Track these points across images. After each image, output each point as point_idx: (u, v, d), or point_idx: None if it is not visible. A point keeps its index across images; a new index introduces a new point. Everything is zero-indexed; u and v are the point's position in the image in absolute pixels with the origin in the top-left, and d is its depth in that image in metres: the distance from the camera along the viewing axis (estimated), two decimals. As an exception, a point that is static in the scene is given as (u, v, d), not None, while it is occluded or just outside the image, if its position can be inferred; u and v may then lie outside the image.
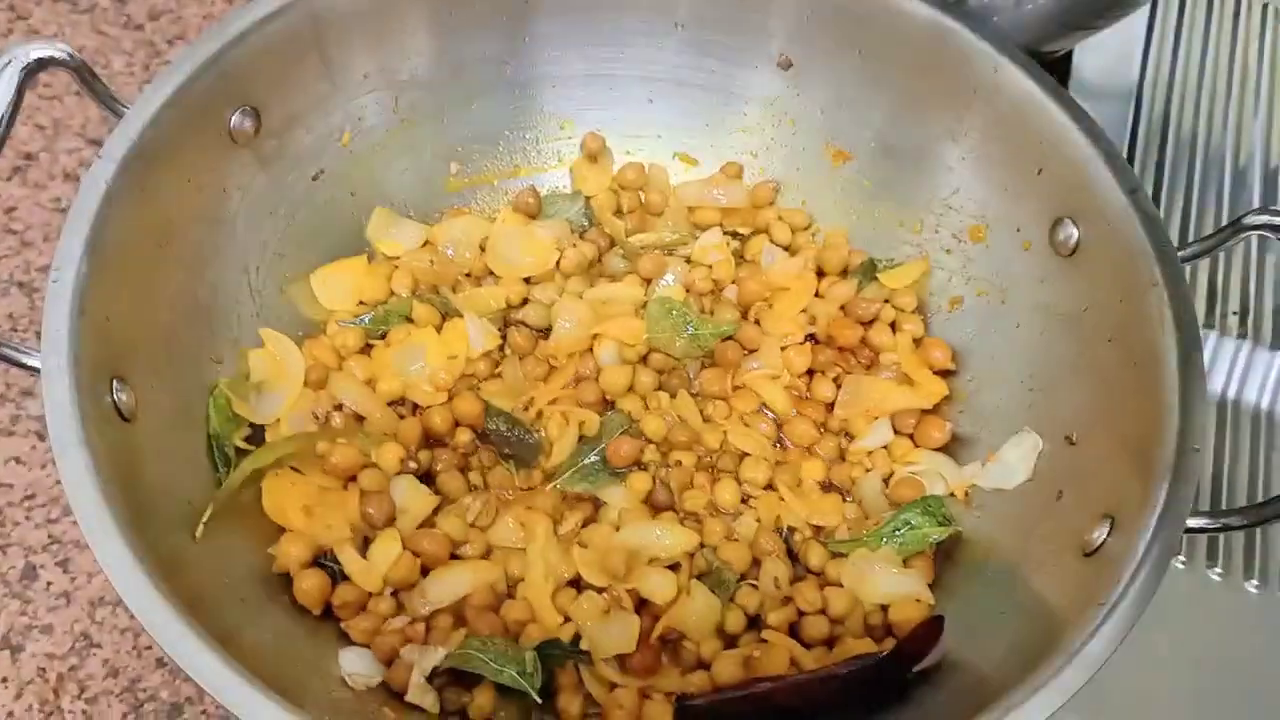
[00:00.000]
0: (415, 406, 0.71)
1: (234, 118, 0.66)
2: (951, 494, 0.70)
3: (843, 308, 0.76)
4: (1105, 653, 0.49)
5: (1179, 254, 0.62)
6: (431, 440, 0.70)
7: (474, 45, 0.76)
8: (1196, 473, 0.55)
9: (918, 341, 0.75)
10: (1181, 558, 0.71)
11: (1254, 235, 0.62)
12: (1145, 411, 0.58)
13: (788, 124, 0.80)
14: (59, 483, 0.81)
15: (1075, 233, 0.66)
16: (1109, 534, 0.56)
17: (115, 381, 0.56)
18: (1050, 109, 0.67)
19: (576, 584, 0.65)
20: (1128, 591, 0.51)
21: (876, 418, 0.73)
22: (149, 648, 0.74)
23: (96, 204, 0.57)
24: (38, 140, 0.97)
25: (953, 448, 0.72)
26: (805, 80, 0.78)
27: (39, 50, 0.58)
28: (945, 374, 0.74)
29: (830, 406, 0.74)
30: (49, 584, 0.77)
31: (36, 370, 0.54)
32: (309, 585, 0.61)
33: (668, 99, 0.81)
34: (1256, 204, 0.90)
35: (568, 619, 0.63)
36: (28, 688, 0.74)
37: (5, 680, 0.74)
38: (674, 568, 0.66)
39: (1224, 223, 0.88)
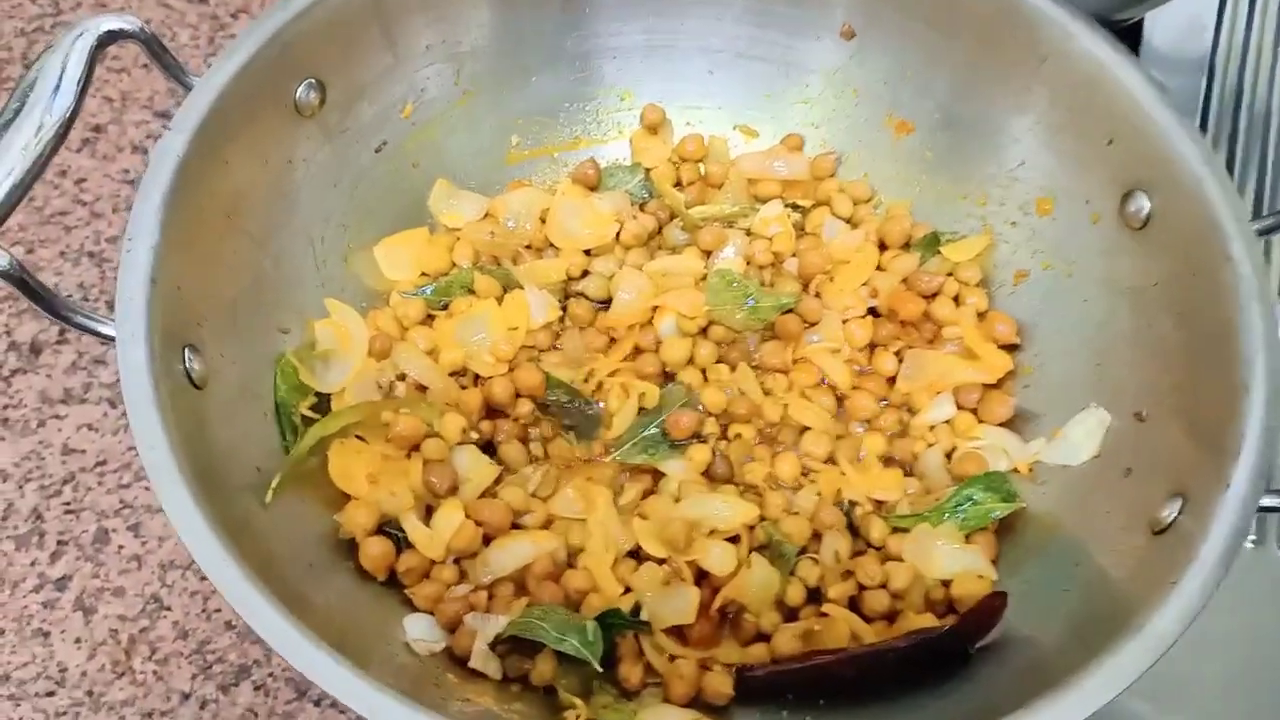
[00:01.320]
0: (477, 377, 0.71)
1: (299, 90, 0.67)
2: (1015, 470, 0.69)
3: (905, 281, 0.75)
4: (1174, 632, 0.49)
5: (1254, 227, 0.60)
6: (493, 411, 0.71)
7: (534, 17, 0.76)
8: (1271, 452, 0.54)
9: (981, 315, 0.74)
10: (1253, 536, 0.69)
11: (1333, 208, 0.60)
12: (1217, 389, 0.57)
13: (850, 95, 0.79)
14: (131, 449, 0.83)
15: (1147, 205, 0.65)
16: (1180, 512, 0.55)
17: (187, 350, 0.58)
18: (1122, 78, 0.65)
19: (636, 555, 0.66)
20: (1199, 570, 0.50)
21: (939, 392, 0.72)
22: (218, 610, 0.76)
23: (169, 175, 0.58)
24: (106, 112, 0.98)
25: (1017, 423, 0.71)
26: (868, 50, 0.77)
27: (110, 23, 0.59)
28: (1010, 348, 0.73)
29: (892, 380, 0.73)
30: (120, 548, 0.79)
31: (111, 339, 0.55)
32: (374, 552, 0.62)
33: (728, 70, 0.80)
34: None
35: (628, 589, 0.64)
36: (100, 648, 0.76)
37: (79, 641, 0.76)
38: (734, 540, 0.66)
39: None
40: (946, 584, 0.64)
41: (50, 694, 0.74)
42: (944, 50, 0.73)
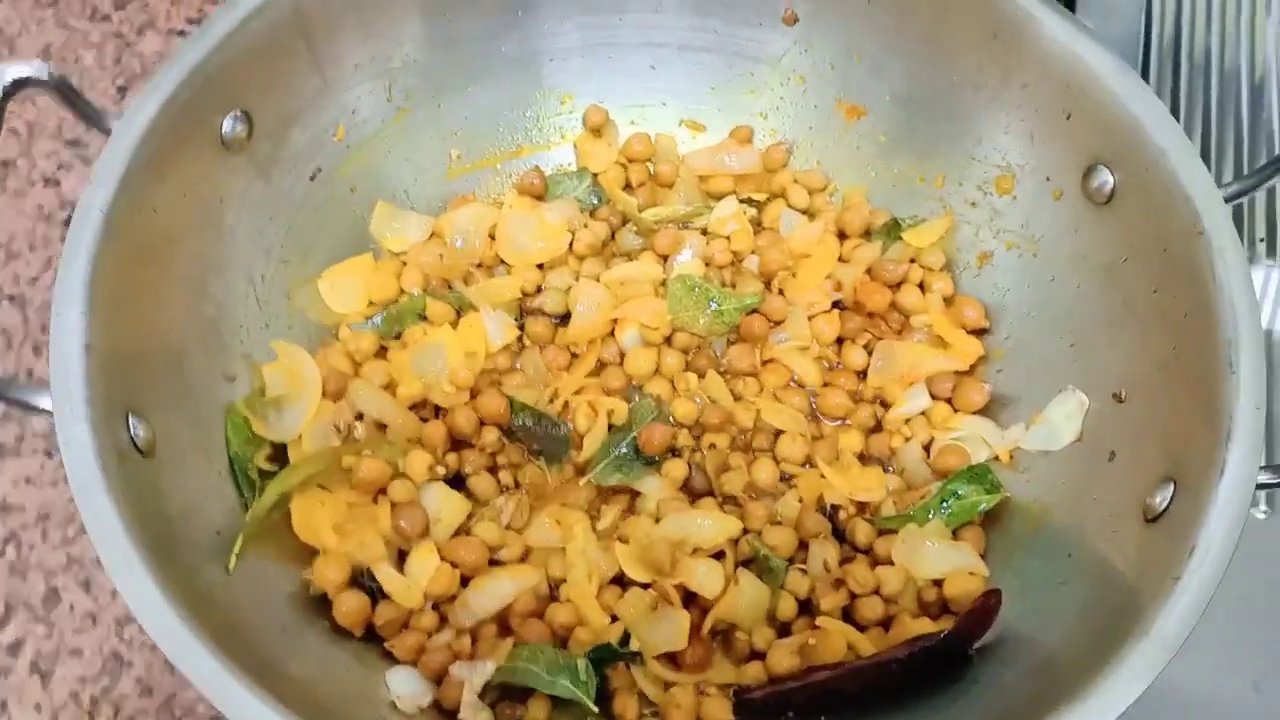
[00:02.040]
0: (438, 409, 0.69)
1: (225, 124, 0.63)
2: (996, 458, 0.68)
3: (868, 271, 0.74)
4: (1183, 631, 0.48)
5: (1222, 194, 0.59)
6: (458, 442, 0.68)
7: (467, 24, 0.73)
8: (1261, 429, 0.53)
9: (948, 301, 0.73)
10: (1264, 508, 0.69)
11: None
12: (1198, 365, 0.56)
13: (797, 81, 0.77)
14: (72, 500, 0.79)
15: (1110, 179, 0.64)
16: (1172, 499, 0.54)
17: (131, 417, 0.54)
18: (1077, 50, 0.64)
19: (621, 580, 0.64)
20: (1200, 561, 0.50)
21: (912, 383, 0.71)
22: (184, 668, 0.73)
23: (94, 234, 0.55)
24: (13, 146, 0.94)
25: (994, 410, 0.70)
26: (813, 35, 0.75)
27: (16, 70, 0.55)
28: (980, 333, 0.72)
29: (863, 375, 0.72)
30: (72, 605, 0.76)
31: (48, 413, 0.52)
32: (349, 607, 0.59)
33: (670, 64, 0.78)
34: (1276, 116, 0.87)
35: (615, 618, 0.62)
36: (62, 712, 0.73)
37: (39, 707, 0.72)
38: (718, 556, 0.64)
39: (1245, 138, 0.87)
40: (939, 584, 0.63)
41: (14, 765, 0.71)
42: (892, 30, 0.72)
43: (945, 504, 0.65)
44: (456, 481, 0.67)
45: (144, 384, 0.56)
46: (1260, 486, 0.52)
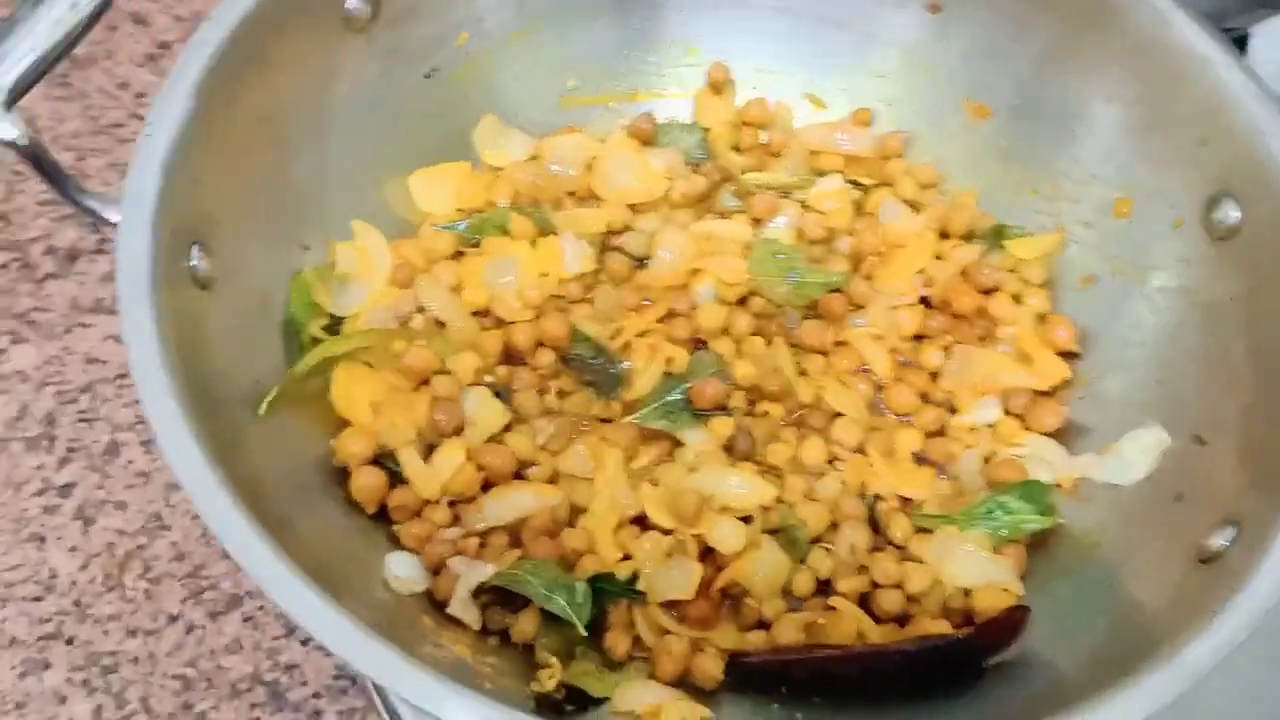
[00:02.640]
0: (499, 320, 0.68)
1: (352, 1, 0.64)
2: (1057, 484, 0.64)
3: (963, 272, 0.71)
4: (1207, 663, 0.44)
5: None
6: (512, 357, 0.68)
7: (604, -42, 0.73)
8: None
9: (1041, 318, 0.70)
10: None
11: None
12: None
13: (927, 72, 0.75)
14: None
15: (1235, 214, 0.60)
16: (1230, 543, 0.51)
17: (196, 246, 0.55)
18: (1224, 75, 0.60)
19: (642, 522, 0.62)
20: (1244, 602, 0.46)
21: (985, 393, 0.68)
22: (218, 537, 0.74)
23: (201, 65, 0.56)
24: (175, 30, 0.98)
25: (1066, 435, 0.66)
26: (952, 26, 0.72)
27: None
28: (1068, 355, 0.68)
29: (935, 376, 0.69)
30: (129, 462, 0.78)
31: (115, 225, 0.53)
32: (366, 482, 0.59)
33: (803, 34, 0.76)
34: None
35: (627, 557, 0.60)
36: (94, 560, 0.74)
37: (74, 550, 0.74)
38: (746, 520, 0.62)
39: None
40: (967, 593, 0.60)
41: (38, 599, 0.73)
42: (1031, 30, 0.69)
43: (992, 515, 0.62)
44: (502, 396, 0.66)
45: (217, 222, 0.57)
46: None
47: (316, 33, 0.63)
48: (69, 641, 0.71)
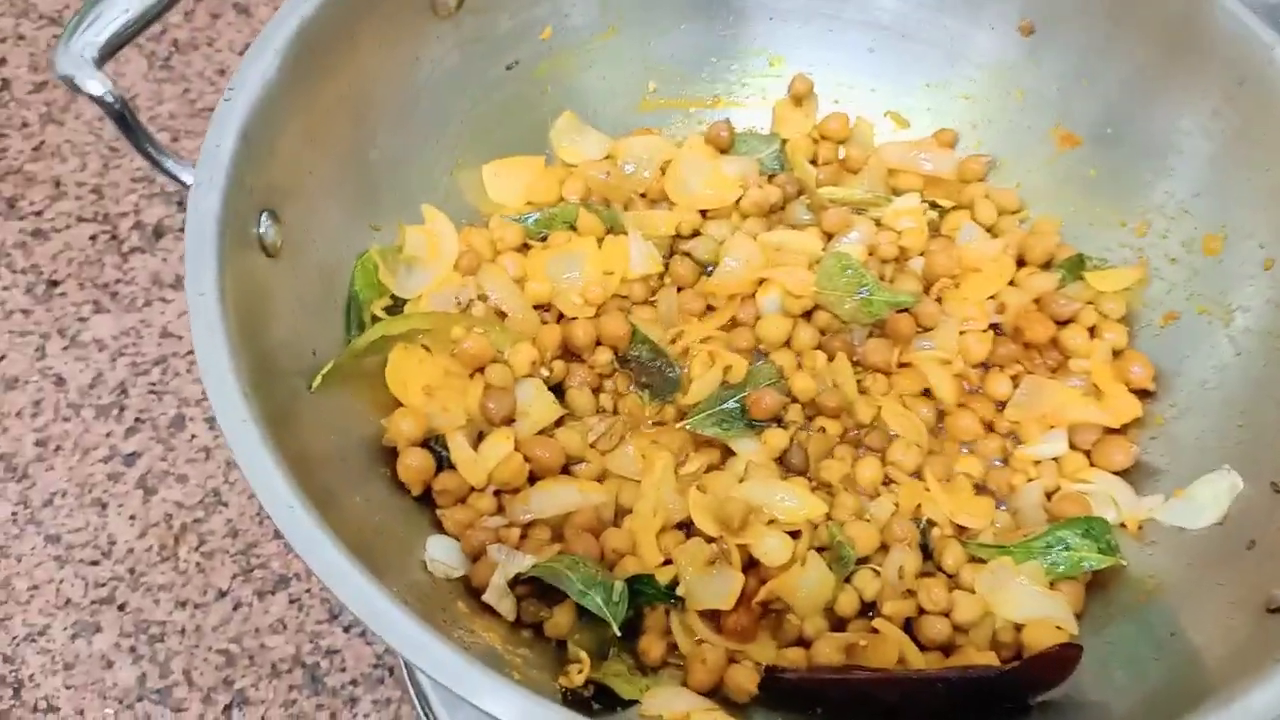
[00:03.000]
0: (560, 315, 0.68)
1: (441, -13, 0.65)
2: (1122, 524, 0.62)
3: (1038, 301, 0.69)
4: (1270, 712, 0.41)
5: None
6: (569, 353, 0.67)
7: (697, -36, 0.73)
8: None
9: (1117, 353, 0.67)
10: None
11: None
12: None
13: (1016, 96, 0.73)
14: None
15: (1329, 255, 0.57)
16: (1304, 593, 0.48)
17: (266, 214, 0.55)
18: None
19: (686, 529, 0.61)
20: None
21: (1053, 427, 0.65)
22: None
23: (286, 35, 0.56)
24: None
25: (1134, 475, 0.64)
26: (1045, 50, 0.71)
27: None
28: (1142, 394, 0.66)
29: (1001, 405, 0.67)
30: (193, 436, 0.79)
31: (187, 187, 0.54)
32: (413, 463, 0.59)
33: (889, 50, 0.75)
34: None
35: (668, 561, 0.59)
36: (152, 529, 0.75)
37: (133, 518, 0.76)
38: (794, 535, 0.60)
39: None
40: (1019, 627, 0.58)
41: (95, 563, 0.74)
42: (1128, 59, 0.67)
43: (1050, 549, 0.59)
44: (557, 391, 0.66)
45: (290, 193, 0.58)
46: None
47: (403, 16, 0.64)
48: (121, 608, 0.72)
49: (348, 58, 0.61)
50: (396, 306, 0.65)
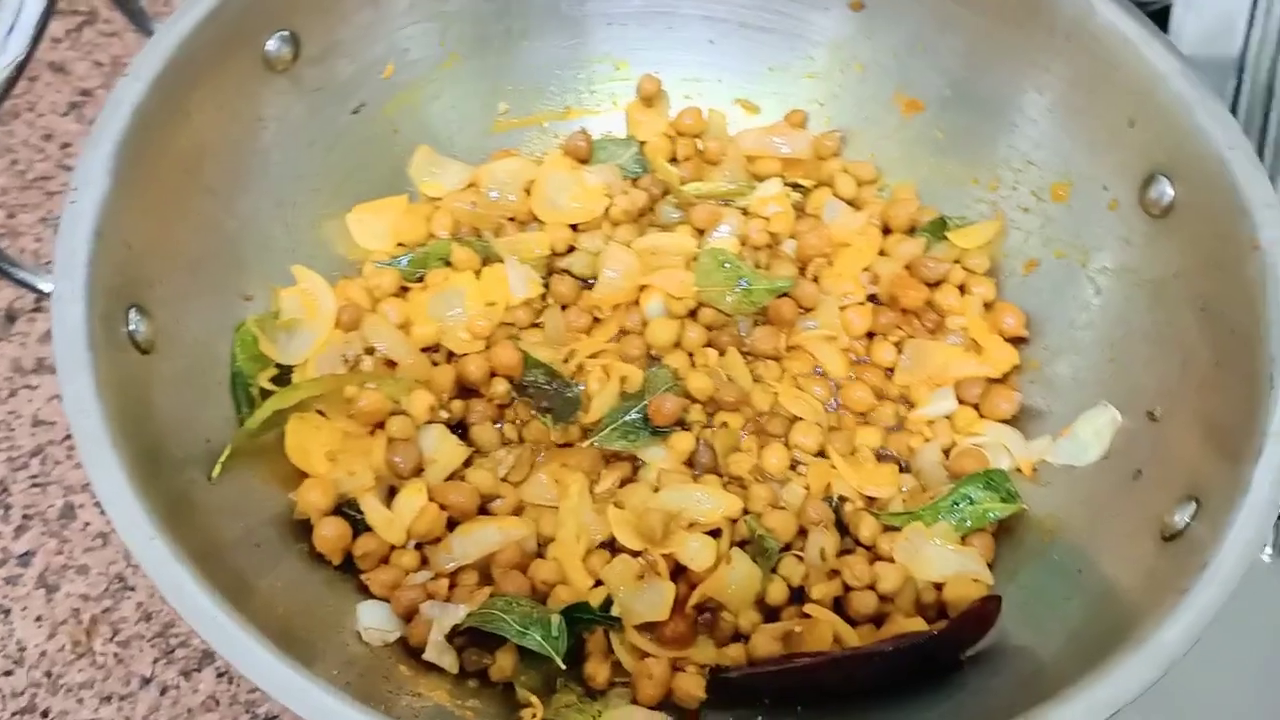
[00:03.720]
0: (450, 354, 0.68)
1: (271, 43, 0.63)
2: (1017, 469, 0.65)
3: (908, 267, 0.71)
4: (1181, 645, 0.44)
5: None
6: (465, 390, 0.67)
7: (527, -20, 0.72)
8: (1292, 450, 0.49)
9: (988, 306, 0.70)
10: (1269, 550, 0.65)
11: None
12: (1238, 386, 0.53)
13: (856, 70, 0.75)
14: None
15: (1169, 191, 0.61)
16: (1192, 518, 0.51)
17: (133, 311, 0.54)
18: (1147, 54, 0.61)
19: (611, 546, 0.62)
20: (1210, 578, 0.46)
21: (939, 385, 0.68)
22: (179, 593, 0.73)
23: (121, 124, 0.55)
24: (95, 77, 0.96)
25: (1021, 420, 0.67)
26: (878, 23, 0.73)
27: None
28: (1016, 341, 0.69)
29: (890, 372, 0.69)
30: (86, 524, 0.76)
31: (49, 295, 0.52)
32: (329, 533, 0.58)
33: (730, 40, 0.76)
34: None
35: (599, 583, 0.60)
36: (61, 628, 0.72)
37: (40, 619, 0.73)
38: (714, 534, 0.62)
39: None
40: (939, 587, 0.60)
41: (8, 673, 0.71)
42: (958, 24, 0.69)
43: (956, 507, 0.62)
44: (460, 430, 0.66)
45: (154, 283, 0.56)
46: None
47: (238, 78, 0.62)
48: (44, 715, 0.70)
49: (188, 132, 0.59)
50: (283, 375, 0.64)
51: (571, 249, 0.73)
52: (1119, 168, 0.64)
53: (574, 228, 0.73)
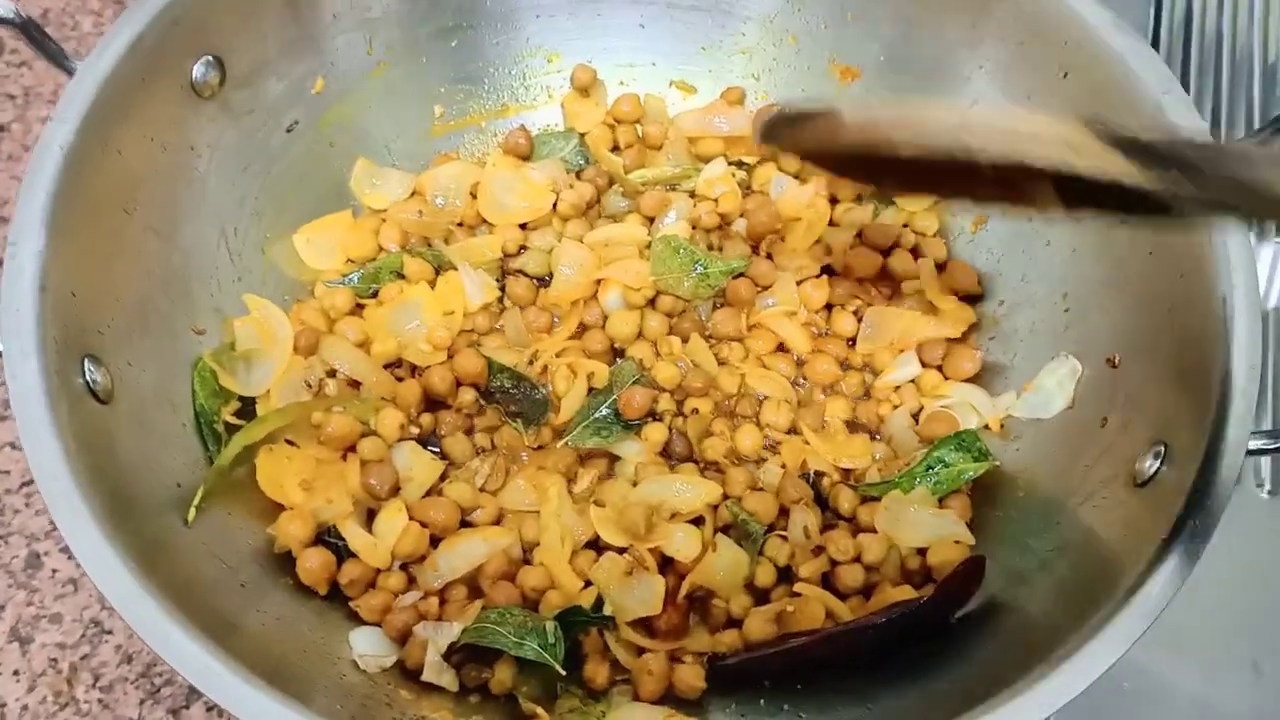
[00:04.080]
0: (413, 368, 0.67)
1: (196, 69, 0.62)
2: (985, 426, 0.66)
3: (859, 235, 0.72)
4: (1167, 595, 0.46)
5: (1221, 153, 0.57)
6: (433, 402, 0.66)
7: (450, -25, 0.71)
8: (1254, 389, 0.51)
9: (941, 266, 0.71)
10: (1269, 487, 0.67)
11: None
12: (1193, 327, 0.54)
13: (789, 42, 0.75)
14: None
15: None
16: (1162, 462, 0.52)
17: (87, 361, 0.53)
18: (1072, 5, 0.62)
19: (596, 545, 0.62)
20: (1188, 524, 0.47)
21: (902, 350, 0.69)
22: (157, 633, 0.71)
23: (53, 171, 0.53)
24: (9, 110, 0.92)
25: (984, 378, 0.68)
26: (806, -7, 0.73)
27: (-20, 10, 0.54)
28: (972, 300, 0.70)
29: (852, 341, 0.70)
30: (54, 571, 0.74)
31: (-1, 356, 0.50)
32: (313, 564, 0.58)
33: (660, 23, 0.76)
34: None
35: (588, 583, 0.60)
36: (40, 680, 0.71)
37: (17, 674, 0.71)
38: (697, 522, 0.62)
39: (1257, 123, 0.84)
40: (922, 552, 0.61)
41: (-8, 733, 0.70)
42: (885, -13, 0.70)
43: (931, 471, 0.63)
44: (430, 443, 0.65)
45: (104, 329, 0.55)
46: (1251, 453, 0.50)
47: (166, 109, 0.61)
48: (34, 772, 0.69)
49: (121, 170, 0.58)
50: (247, 407, 0.62)
51: (523, 249, 0.72)
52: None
53: (523, 227, 0.73)
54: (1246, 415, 0.50)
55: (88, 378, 0.52)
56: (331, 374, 0.65)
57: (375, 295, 0.69)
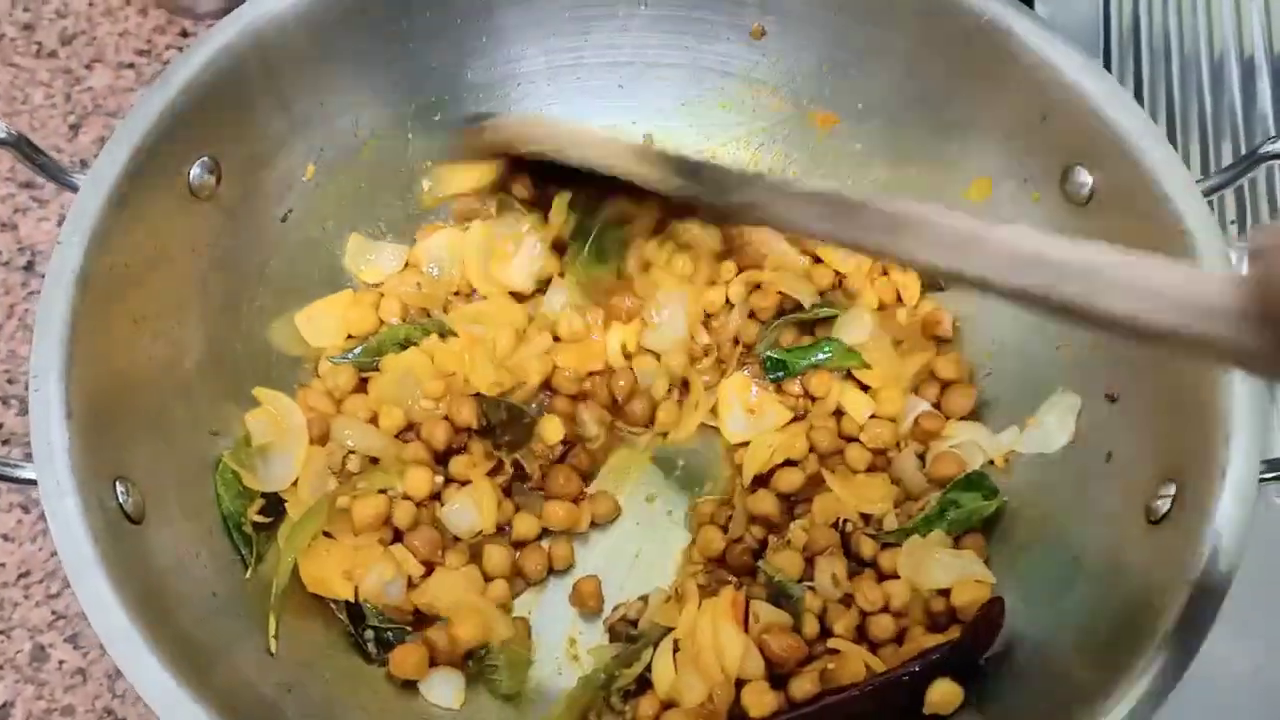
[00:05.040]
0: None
1: (194, 172, 0.62)
2: (991, 462, 0.68)
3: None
4: (1200, 638, 0.48)
5: (1200, 189, 0.59)
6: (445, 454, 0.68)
7: (431, 53, 0.71)
8: (1260, 423, 0.53)
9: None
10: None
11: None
12: (1191, 363, 0.56)
13: (768, 93, 0.76)
14: (54, 555, 0.77)
15: (1088, 180, 0.63)
16: (1174, 500, 0.54)
17: (118, 483, 0.53)
18: (1049, 52, 0.64)
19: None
20: (1213, 566, 0.49)
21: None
22: None
23: (67, 296, 0.53)
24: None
25: (985, 414, 0.70)
26: (782, 47, 0.74)
27: (-26, 131, 0.53)
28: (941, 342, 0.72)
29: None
30: (61, 662, 0.74)
31: (33, 482, 0.50)
32: (408, 659, 0.60)
33: (638, 82, 0.77)
34: (1237, 97, 0.86)
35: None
36: (57, 775, 0.71)
37: (33, 772, 0.70)
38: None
39: (1208, 119, 0.87)
40: (945, 594, 0.63)
41: (10, 837, 0.69)
42: (861, 39, 0.71)
43: (945, 513, 0.65)
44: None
45: (128, 448, 0.55)
46: (1265, 480, 0.52)
47: (167, 215, 0.61)
48: None
49: (129, 282, 0.58)
50: (271, 502, 0.63)
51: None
52: (1037, 161, 0.67)
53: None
54: (1254, 447, 0.52)
55: (120, 501, 0.52)
56: (350, 453, 0.66)
57: (376, 368, 0.70)
